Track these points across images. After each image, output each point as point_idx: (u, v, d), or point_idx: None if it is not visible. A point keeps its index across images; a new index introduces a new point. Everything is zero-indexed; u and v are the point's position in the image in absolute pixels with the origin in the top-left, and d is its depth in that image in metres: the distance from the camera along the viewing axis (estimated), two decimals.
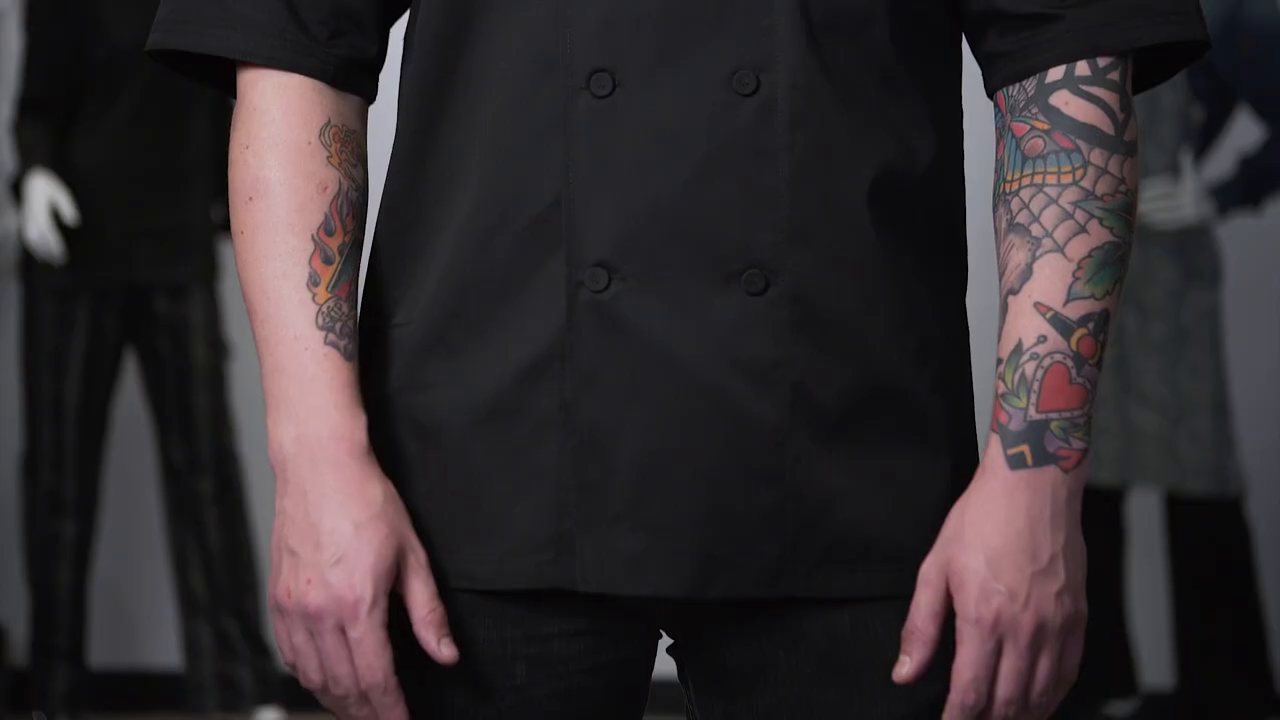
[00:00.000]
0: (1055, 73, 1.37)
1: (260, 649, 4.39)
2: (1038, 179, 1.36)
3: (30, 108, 4.27)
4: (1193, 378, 4.09)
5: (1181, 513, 4.16)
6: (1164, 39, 1.37)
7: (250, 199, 1.40)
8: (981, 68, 1.43)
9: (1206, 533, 4.14)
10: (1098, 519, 4.17)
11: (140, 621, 4.92)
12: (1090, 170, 1.35)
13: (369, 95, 1.45)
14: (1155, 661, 4.44)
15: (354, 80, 1.43)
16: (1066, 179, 1.36)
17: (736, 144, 1.34)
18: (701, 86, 1.34)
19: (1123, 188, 1.36)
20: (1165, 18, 1.37)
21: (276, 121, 1.40)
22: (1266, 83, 4.06)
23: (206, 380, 4.37)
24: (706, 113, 1.33)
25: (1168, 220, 4.03)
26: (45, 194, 4.17)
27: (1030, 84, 1.38)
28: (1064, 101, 1.37)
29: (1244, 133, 4.33)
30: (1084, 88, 1.37)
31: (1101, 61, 1.37)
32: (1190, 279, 4.09)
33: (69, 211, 4.17)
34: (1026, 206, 1.36)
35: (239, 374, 4.39)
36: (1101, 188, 1.36)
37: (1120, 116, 1.37)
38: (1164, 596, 4.31)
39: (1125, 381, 4.09)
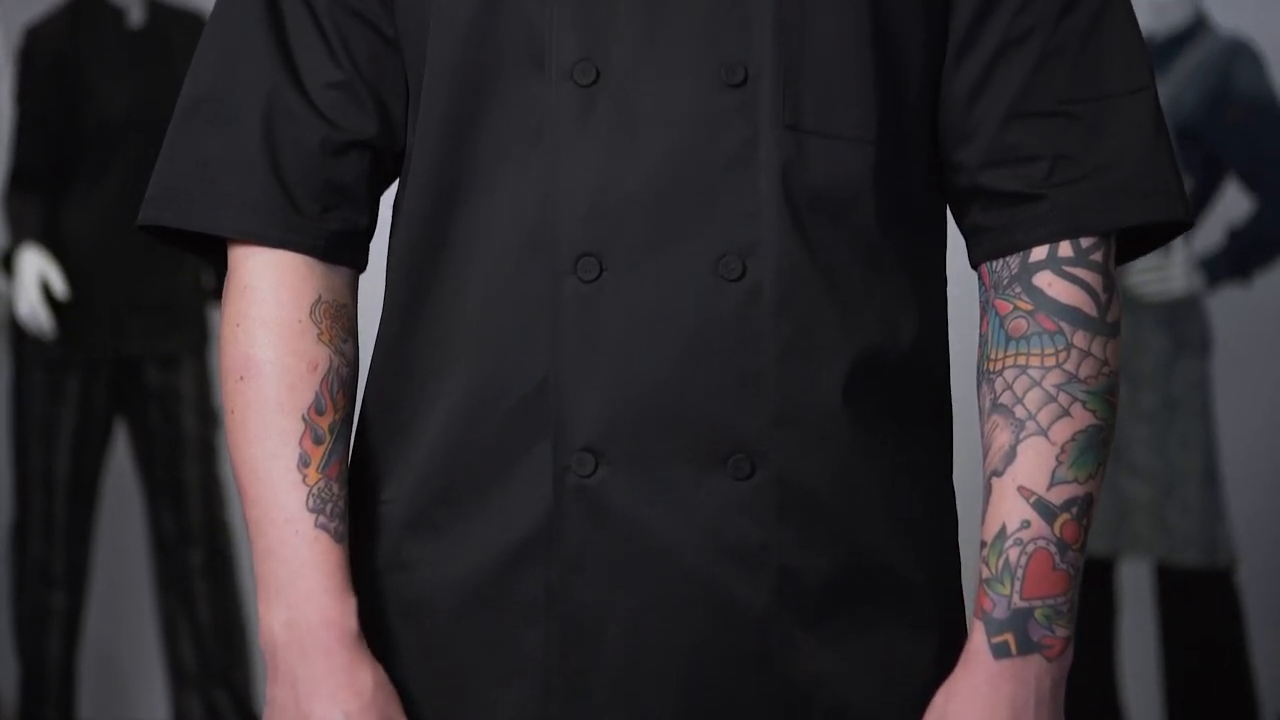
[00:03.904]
0: (1038, 252, 1.38)
1: None
2: (1021, 360, 1.37)
3: (21, 180, 4.26)
4: (1183, 448, 4.09)
5: (1172, 582, 4.16)
6: (1145, 220, 1.38)
7: (241, 378, 1.40)
8: (965, 238, 1.43)
9: (1197, 603, 4.15)
10: (1089, 586, 4.17)
11: (130, 691, 4.91)
12: (1073, 353, 1.36)
13: (360, 265, 1.45)
14: None
15: (345, 252, 1.43)
16: (1050, 361, 1.36)
17: (723, 329, 1.34)
18: (688, 272, 1.34)
19: (1106, 369, 1.37)
20: (1147, 198, 1.38)
21: (267, 300, 1.40)
22: (1255, 154, 4.07)
23: (197, 451, 4.37)
24: (692, 298, 1.34)
25: (1158, 293, 4.04)
26: (36, 268, 4.16)
27: (1014, 261, 1.39)
28: (1047, 283, 1.37)
29: (1233, 203, 4.34)
30: (1067, 269, 1.37)
31: (1084, 242, 1.37)
32: (1180, 349, 4.10)
33: (59, 286, 4.17)
34: (1010, 388, 1.37)
35: None
36: (1085, 370, 1.36)
37: (1103, 297, 1.37)
38: (1155, 665, 4.31)
39: (1115, 451, 4.09)
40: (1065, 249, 1.37)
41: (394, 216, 1.45)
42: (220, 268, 1.46)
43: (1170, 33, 4.14)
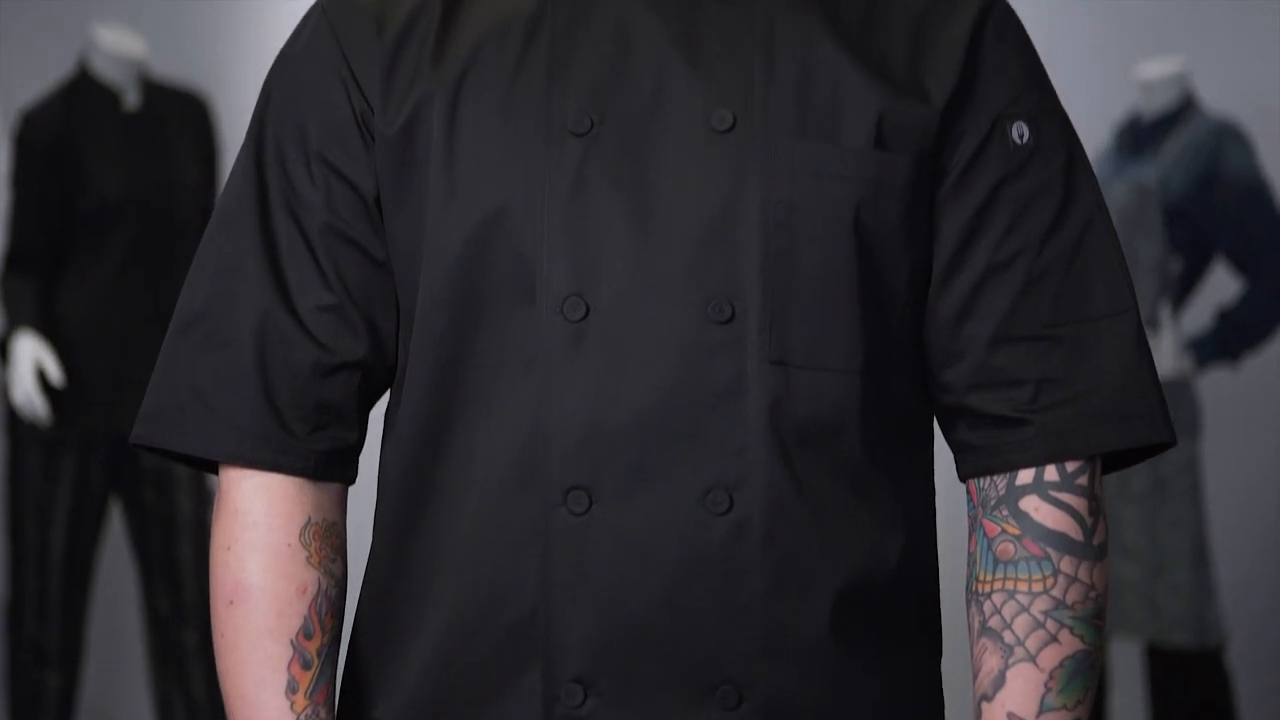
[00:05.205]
0: (1025, 475, 1.39)
1: None
2: (1009, 585, 1.38)
3: (17, 263, 4.27)
4: (1172, 529, 4.10)
5: (1162, 662, 4.17)
6: (1129, 444, 1.40)
7: (231, 603, 1.42)
8: (952, 451, 1.44)
9: (1187, 683, 4.16)
10: None
11: None
12: (1060, 579, 1.37)
13: (350, 479, 1.46)
14: None
15: (335, 470, 1.44)
16: (1037, 587, 1.38)
17: (710, 562, 1.35)
18: (675, 505, 1.35)
19: (1093, 594, 1.38)
20: (1130, 421, 1.39)
21: (258, 524, 1.42)
22: (1243, 236, 4.08)
23: (192, 531, 4.37)
24: (680, 531, 1.35)
25: None
26: (31, 355, 4.17)
27: (1001, 482, 1.40)
28: (1033, 507, 1.39)
29: (1221, 285, 4.36)
30: (1053, 494, 1.38)
31: (1070, 466, 1.39)
32: None
33: (55, 373, 4.18)
34: (999, 612, 1.38)
35: None
36: (1072, 596, 1.38)
37: (1089, 521, 1.39)
38: None
39: None
40: (1051, 473, 1.39)
41: (385, 428, 1.46)
42: (212, 472, 1.47)
43: (1159, 114, 4.16)
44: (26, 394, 4.15)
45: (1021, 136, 1.40)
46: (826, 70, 1.39)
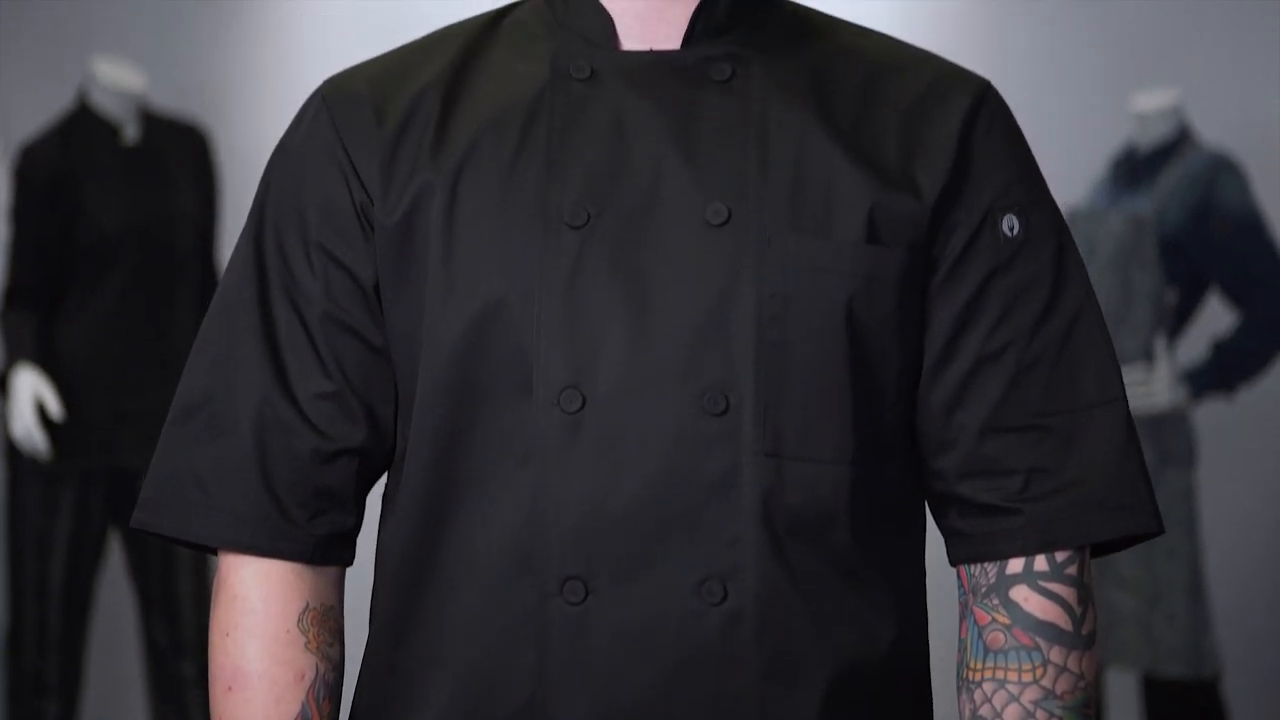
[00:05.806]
0: (1014, 564, 1.41)
1: None
2: (999, 674, 1.40)
3: (16, 297, 4.29)
4: (1169, 559, 4.11)
5: (1158, 693, 4.19)
6: (1116, 534, 1.41)
7: (230, 689, 1.44)
8: (943, 536, 1.46)
9: (1183, 713, 4.17)
10: None
11: None
12: (1050, 669, 1.39)
13: (347, 561, 1.48)
14: None
15: (333, 553, 1.46)
16: (1027, 677, 1.39)
17: (705, 652, 1.37)
18: (670, 595, 1.37)
19: (1082, 683, 1.40)
20: (1118, 511, 1.41)
21: (256, 611, 1.43)
22: (1238, 268, 4.09)
23: (190, 563, 4.39)
24: (675, 621, 1.37)
25: (1143, 407, 4.06)
26: (31, 389, 4.19)
27: (991, 570, 1.42)
28: (1023, 597, 1.40)
29: (1216, 317, 4.37)
30: (1043, 584, 1.40)
31: (1059, 556, 1.40)
32: (1166, 461, 4.12)
33: (54, 407, 4.19)
34: (989, 700, 1.40)
35: None
36: (1061, 686, 1.39)
37: (1078, 610, 1.40)
38: None
39: (1103, 562, 4.12)
40: (1041, 563, 1.40)
41: (383, 510, 1.47)
42: (213, 555, 1.49)
43: (1155, 146, 4.17)
44: (26, 428, 4.17)
45: (1012, 229, 1.42)
46: (820, 163, 1.40)
